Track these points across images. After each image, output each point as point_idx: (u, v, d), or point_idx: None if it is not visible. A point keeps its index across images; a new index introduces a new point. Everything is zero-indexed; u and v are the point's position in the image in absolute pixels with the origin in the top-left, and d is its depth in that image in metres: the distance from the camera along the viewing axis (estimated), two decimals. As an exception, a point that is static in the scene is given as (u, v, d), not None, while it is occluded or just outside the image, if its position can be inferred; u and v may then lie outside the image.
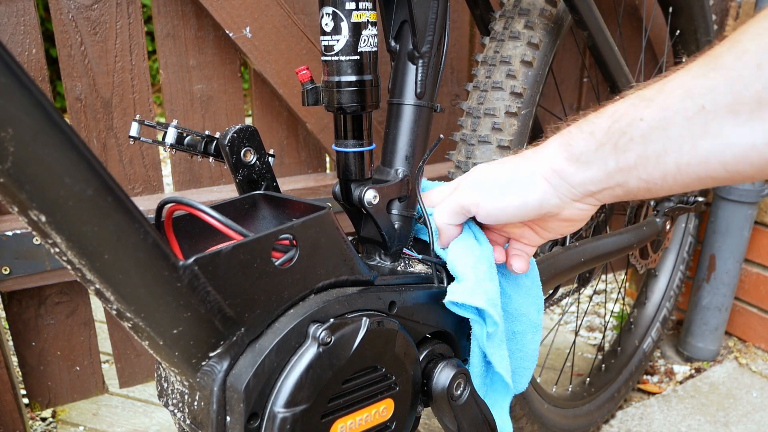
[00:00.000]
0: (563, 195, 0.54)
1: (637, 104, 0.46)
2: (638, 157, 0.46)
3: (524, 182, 0.56)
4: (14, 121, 0.34)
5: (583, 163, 0.51)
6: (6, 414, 1.08)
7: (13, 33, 1.00)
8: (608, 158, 0.49)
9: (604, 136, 0.49)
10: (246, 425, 0.49)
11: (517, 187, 0.56)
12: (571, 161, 0.52)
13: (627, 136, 0.47)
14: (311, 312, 0.53)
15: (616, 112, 0.48)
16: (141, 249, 0.42)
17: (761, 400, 1.32)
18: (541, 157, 0.55)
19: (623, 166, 0.48)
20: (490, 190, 0.58)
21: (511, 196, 0.56)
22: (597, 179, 0.51)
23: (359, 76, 0.64)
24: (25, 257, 1.01)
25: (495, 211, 0.58)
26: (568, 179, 0.53)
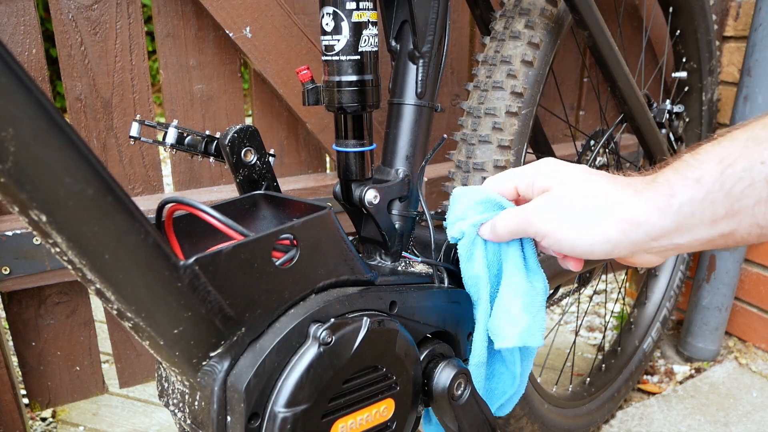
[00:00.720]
0: (641, 248, 0.51)
1: (753, 147, 0.43)
2: (757, 203, 0.43)
3: (596, 230, 0.51)
4: (14, 121, 0.34)
5: (685, 216, 0.47)
6: (6, 414, 1.08)
7: (13, 33, 1.00)
8: (717, 206, 0.45)
9: (715, 183, 0.45)
10: (247, 425, 0.49)
11: (590, 224, 0.52)
12: (670, 213, 0.47)
13: (745, 181, 0.43)
14: (312, 312, 0.53)
15: (728, 156, 0.44)
16: (141, 249, 0.42)
17: (761, 400, 1.32)
18: (623, 203, 0.50)
19: (737, 210, 0.44)
20: (559, 223, 0.53)
21: (581, 234, 0.52)
22: (700, 224, 0.46)
23: (360, 75, 0.64)
24: (25, 257, 1.01)
25: (558, 244, 0.54)
26: (650, 231, 0.49)
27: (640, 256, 0.52)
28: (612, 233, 0.50)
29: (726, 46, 1.49)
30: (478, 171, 0.84)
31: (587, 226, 0.51)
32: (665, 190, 0.47)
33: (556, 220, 0.53)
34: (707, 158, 0.46)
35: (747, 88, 1.30)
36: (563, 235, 0.53)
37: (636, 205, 0.49)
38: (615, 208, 0.50)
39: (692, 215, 0.46)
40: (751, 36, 1.27)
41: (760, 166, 0.42)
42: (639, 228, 0.49)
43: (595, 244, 0.51)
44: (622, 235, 0.50)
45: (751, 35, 1.27)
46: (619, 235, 0.50)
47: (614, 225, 0.50)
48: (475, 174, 0.84)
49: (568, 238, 0.53)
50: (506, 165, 0.83)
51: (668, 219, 0.47)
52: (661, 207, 0.47)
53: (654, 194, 0.48)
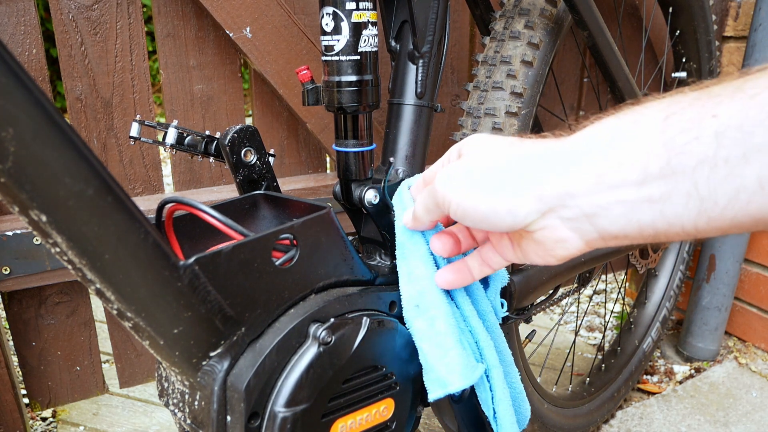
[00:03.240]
0: (547, 210, 0.42)
1: (705, 99, 0.35)
2: (700, 164, 0.34)
3: (509, 182, 0.43)
4: (15, 121, 0.34)
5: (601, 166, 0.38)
6: (6, 414, 1.08)
7: (14, 33, 1.00)
8: (651, 159, 0.36)
9: (654, 128, 0.37)
10: (246, 425, 0.49)
11: (497, 189, 0.44)
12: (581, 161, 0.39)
13: (691, 133, 0.35)
14: (312, 312, 0.53)
15: (673, 105, 0.37)
16: (141, 249, 0.42)
17: (761, 399, 1.32)
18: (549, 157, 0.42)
19: (674, 170, 0.35)
20: (465, 189, 0.45)
21: (485, 200, 0.44)
22: (621, 183, 0.38)
23: (359, 76, 0.64)
24: (26, 257, 1.01)
25: (462, 212, 0.46)
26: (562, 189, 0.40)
27: (551, 226, 0.42)
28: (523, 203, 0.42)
29: (726, 46, 1.49)
30: (477, 171, 0.84)
31: (494, 186, 0.43)
32: (602, 137, 0.39)
33: (460, 186, 0.46)
34: (650, 106, 0.38)
35: (747, 88, 1.30)
36: (467, 202, 0.45)
37: (552, 158, 0.41)
38: (526, 166, 0.42)
39: (618, 166, 0.37)
40: (751, 36, 1.27)
41: (711, 120, 0.34)
42: (555, 186, 0.40)
43: (499, 210, 0.43)
44: (533, 198, 0.41)
45: (751, 35, 1.27)
46: (530, 200, 0.41)
47: (527, 184, 0.42)
48: (475, 174, 0.84)
49: (473, 203, 0.44)
50: (506, 165, 0.83)
51: (585, 172, 0.39)
52: (601, 155, 0.39)
53: (590, 142, 0.40)
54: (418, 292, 0.56)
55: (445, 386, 0.54)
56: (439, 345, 0.55)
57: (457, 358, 0.54)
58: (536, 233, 0.44)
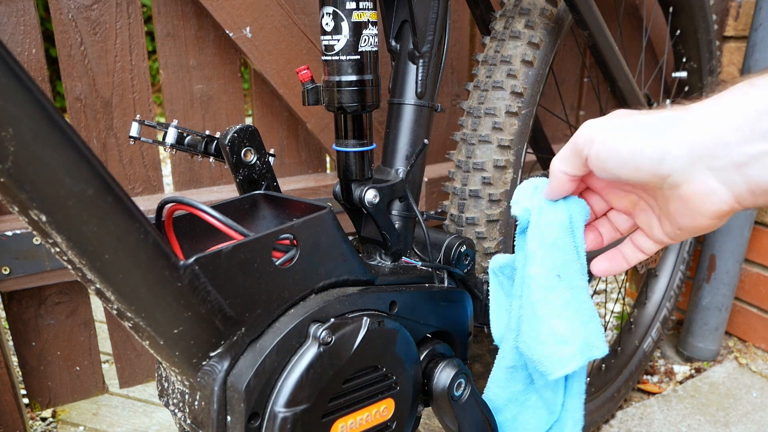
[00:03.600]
0: (696, 158, 0.41)
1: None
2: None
3: (655, 129, 0.43)
4: (14, 121, 0.34)
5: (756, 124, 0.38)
6: (6, 414, 1.08)
7: (13, 33, 1.00)
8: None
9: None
10: (246, 425, 0.49)
11: (644, 132, 0.44)
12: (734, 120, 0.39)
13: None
14: (312, 312, 0.53)
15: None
16: (141, 249, 0.42)
17: (761, 400, 1.32)
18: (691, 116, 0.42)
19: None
20: (612, 129, 0.46)
21: (631, 140, 0.44)
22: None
23: (359, 75, 0.64)
24: (25, 257, 1.01)
25: (606, 152, 0.45)
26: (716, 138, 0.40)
27: (696, 181, 0.42)
28: (670, 147, 0.42)
29: (726, 46, 1.49)
30: (478, 171, 0.84)
31: (639, 133, 0.44)
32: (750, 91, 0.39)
33: (600, 128, 0.46)
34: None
35: (747, 88, 1.30)
36: (606, 142, 0.45)
37: (699, 113, 0.41)
38: (673, 119, 0.42)
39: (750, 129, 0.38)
40: (752, 36, 1.27)
41: None
42: (706, 134, 0.40)
43: (646, 150, 0.43)
44: (681, 144, 0.41)
45: (752, 35, 1.27)
46: (678, 144, 0.41)
47: (675, 132, 0.42)
48: (475, 174, 0.84)
49: (610, 146, 0.45)
50: (506, 165, 0.83)
51: (737, 122, 0.39)
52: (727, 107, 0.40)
53: (721, 100, 0.41)
54: (563, 262, 0.55)
55: (590, 351, 0.55)
56: (583, 312, 0.56)
57: (599, 327, 0.56)
58: (682, 186, 0.43)
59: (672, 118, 0.43)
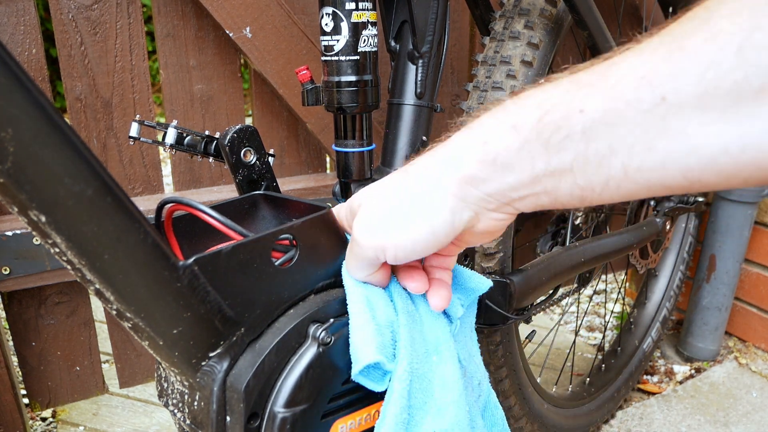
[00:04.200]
0: (476, 207, 0.43)
1: (574, 92, 0.37)
2: (575, 160, 0.37)
3: (427, 203, 0.44)
4: (14, 121, 0.34)
5: (501, 166, 0.40)
6: (6, 414, 1.08)
7: (13, 33, 1.00)
8: (536, 159, 0.39)
9: (531, 131, 0.38)
10: (246, 425, 0.49)
11: (421, 211, 0.44)
12: (486, 164, 0.41)
13: (562, 132, 0.37)
14: (311, 312, 0.53)
15: (547, 101, 0.38)
16: (141, 249, 0.42)
17: (761, 400, 1.32)
18: (446, 162, 0.43)
19: (555, 168, 0.38)
20: (390, 226, 0.46)
21: (416, 226, 0.44)
22: (520, 184, 0.40)
23: (359, 76, 0.64)
24: (25, 257, 1.01)
25: (404, 251, 0.46)
26: (483, 187, 0.42)
27: (485, 219, 0.45)
28: (447, 204, 0.43)
29: (726, 46, 1.49)
30: (477, 171, 0.84)
31: (417, 215, 0.44)
32: (478, 135, 0.41)
33: (378, 232, 0.46)
34: (527, 103, 0.40)
35: (747, 88, 1.30)
36: (396, 241, 0.45)
37: (455, 161, 0.42)
38: (437, 175, 0.43)
39: (510, 167, 0.40)
40: (751, 36, 1.27)
41: (579, 115, 0.36)
42: (470, 184, 0.42)
43: (437, 229, 0.44)
44: (455, 200, 0.43)
45: (751, 35, 1.27)
46: (452, 201, 0.43)
47: (444, 198, 0.43)
48: (475, 174, 0.84)
49: (403, 244, 0.45)
50: (506, 165, 0.83)
51: (488, 168, 0.41)
52: (480, 157, 0.41)
53: (467, 141, 0.42)
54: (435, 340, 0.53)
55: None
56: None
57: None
58: (474, 228, 0.46)
59: (433, 182, 0.44)
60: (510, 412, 0.95)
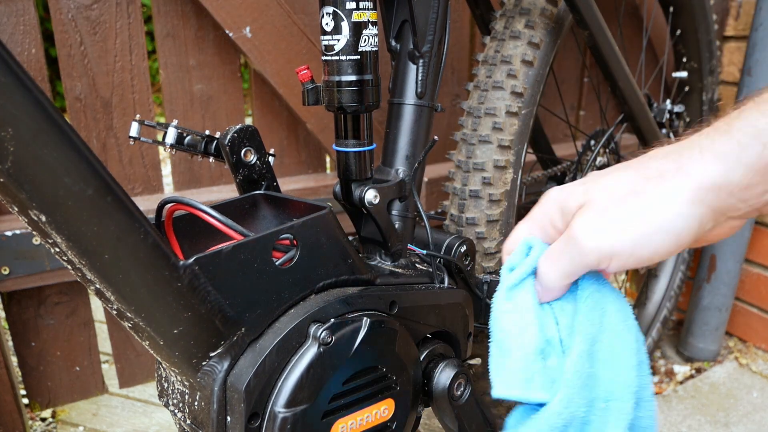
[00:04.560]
0: (723, 215, 0.40)
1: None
2: None
3: (674, 211, 0.40)
4: (14, 120, 0.34)
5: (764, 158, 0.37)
6: (6, 414, 1.08)
7: (13, 33, 1.00)
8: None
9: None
10: (246, 425, 0.49)
11: (665, 218, 0.40)
12: (755, 172, 0.38)
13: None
14: (312, 312, 0.53)
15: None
16: (141, 249, 0.42)
17: (761, 400, 1.32)
18: (697, 166, 0.40)
19: None
20: (626, 230, 0.41)
21: (659, 235, 0.40)
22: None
23: (359, 75, 0.64)
24: (25, 257, 1.01)
25: (638, 261, 0.42)
26: (741, 194, 0.39)
27: (724, 226, 0.42)
28: (695, 213, 0.40)
29: (726, 46, 1.49)
30: (478, 171, 0.84)
31: (656, 213, 0.40)
32: (742, 140, 0.38)
33: (617, 227, 0.41)
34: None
35: (747, 88, 1.30)
36: (632, 251, 0.41)
37: (700, 168, 0.39)
38: (680, 177, 0.40)
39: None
40: (752, 36, 1.27)
41: None
42: (723, 191, 0.39)
43: (678, 230, 0.40)
44: (702, 208, 0.39)
45: (752, 35, 1.27)
46: (700, 209, 0.39)
47: (688, 197, 0.39)
48: (475, 174, 0.84)
49: (640, 254, 0.41)
50: (506, 165, 0.83)
51: (750, 169, 0.38)
52: (732, 162, 0.38)
53: (725, 145, 0.39)
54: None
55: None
56: None
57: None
58: (710, 233, 0.43)
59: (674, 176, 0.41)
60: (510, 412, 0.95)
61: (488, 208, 0.83)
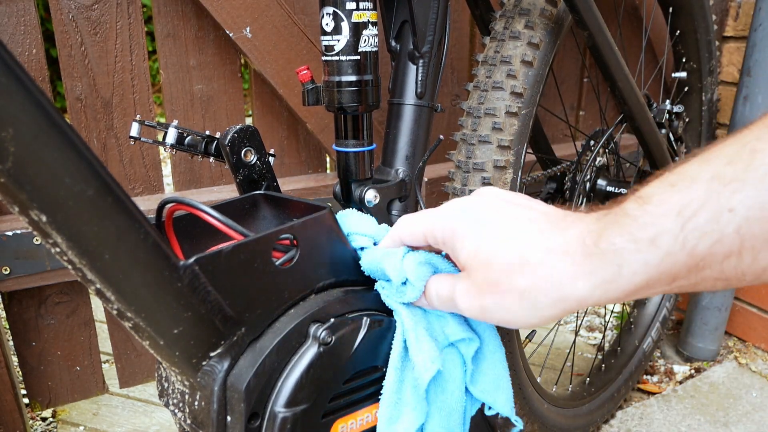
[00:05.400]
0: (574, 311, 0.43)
1: (720, 190, 0.35)
2: (726, 260, 0.35)
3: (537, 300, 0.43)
4: (15, 121, 0.34)
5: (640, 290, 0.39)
6: (6, 414, 1.08)
7: (14, 33, 1.00)
8: (679, 268, 0.37)
9: (674, 242, 0.36)
10: (246, 425, 0.49)
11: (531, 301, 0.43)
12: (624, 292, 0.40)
13: (710, 237, 0.35)
14: (312, 312, 0.53)
15: (687, 206, 0.36)
16: (141, 249, 0.42)
17: (761, 399, 1.32)
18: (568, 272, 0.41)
19: (700, 274, 0.37)
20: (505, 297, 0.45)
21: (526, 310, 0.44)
22: (657, 290, 0.39)
23: (359, 76, 0.64)
24: (26, 257, 1.01)
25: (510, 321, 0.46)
26: (595, 302, 0.41)
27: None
28: (550, 313, 0.43)
29: (726, 47, 1.49)
30: (478, 171, 0.84)
31: (528, 305, 0.43)
32: (613, 259, 0.39)
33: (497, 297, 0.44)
34: (663, 210, 0.37)
35: (747, 89, 1.30)
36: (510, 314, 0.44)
37: (578, 283, 0.40)
38: (551, 288, 0.41)
39: (647, 281, 0.38)
40: (751, 36, 1.27)
41: (729, 215, 0.34)
42: (582, 303, 0.41)
43: (530, 322, 0.44)
44: (561, 312, 0.43)
45: (751, 35, 1.27)
46: (558, 313, 0.43)
47: (552, 306, 0.42)
48: (475, 174, 0.84)
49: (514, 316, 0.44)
50: (506, 165, 0.83)
51: (619, 290, 0.39)
52: (610, 279, 0.39)
53: (598, 265, 0.40)
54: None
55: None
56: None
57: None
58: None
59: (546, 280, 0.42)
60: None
61: (488, 208, 0.83)
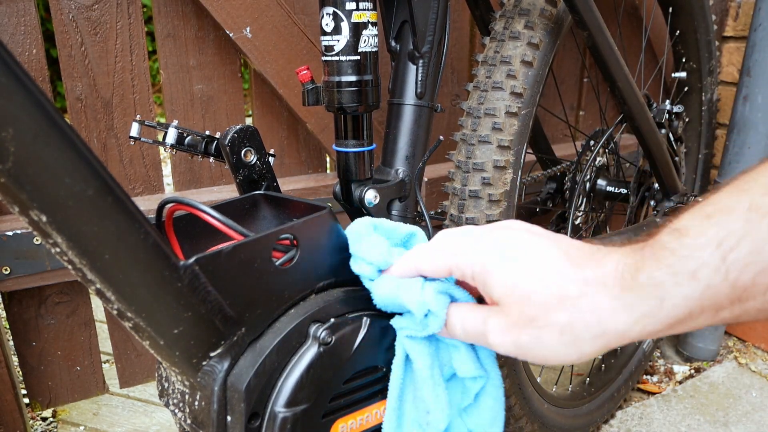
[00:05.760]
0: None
1: (759, 220, 0.34)
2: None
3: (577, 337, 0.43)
4: (15, 121, 0.34)
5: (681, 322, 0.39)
6: (6, 414, 1.08)
7: (14, 33, 1.00)
8: (722, 300, 0.37)
9: (715, 274, 0.36)
10: (247, 425, 0.49)
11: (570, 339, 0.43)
12: (667, 325, 0.39)
13: (753, 268, 0.35)
14: (312, 312, 0.53)
15: (729, 236, 0.35)
16: (141, 249, 0.42)
17: (761, 399, 1.32)
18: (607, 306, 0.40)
19: (743, 306, 0.36)
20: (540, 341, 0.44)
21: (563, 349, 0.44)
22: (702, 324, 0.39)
23: (359, 76, 0.64)
24: (26, 257, 1.01)
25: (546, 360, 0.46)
26: (637, 337, 0.41)
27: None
28: (590, 349, 0.42)
29: (725, 47, 1.49)
30: (477, 171, 0.84)
31: (568, 340, 0.42)
32: (653, 292, 0.38)
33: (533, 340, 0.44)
34: (701, 242, 0.37)
35: (746, 89, 1.30)
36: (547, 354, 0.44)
37: (618, 316, 0.40)
38: (591, 321, 0.41)
39: (689, 314, 0.38)
40: (751, 36, 1.27)
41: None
42: (623, 337, 0.41)
43: (569, 359, 0.44)
44: (602, 348, 0.42)
45: (751, 35, 1.27)
46: (598, 349, 0.42)
47: (593, 341, 0.41)
48: (475, 174, 0.84)
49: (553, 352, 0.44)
50: (506, 165, 0.83)
51: (659, 323, 0.39)
52: (650, 313, 0.39)
53: (639, 299, 0.39)
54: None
55: None
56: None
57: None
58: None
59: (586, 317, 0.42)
60: (510, 411, 0.95)
61: (488, 209, 0.83)
